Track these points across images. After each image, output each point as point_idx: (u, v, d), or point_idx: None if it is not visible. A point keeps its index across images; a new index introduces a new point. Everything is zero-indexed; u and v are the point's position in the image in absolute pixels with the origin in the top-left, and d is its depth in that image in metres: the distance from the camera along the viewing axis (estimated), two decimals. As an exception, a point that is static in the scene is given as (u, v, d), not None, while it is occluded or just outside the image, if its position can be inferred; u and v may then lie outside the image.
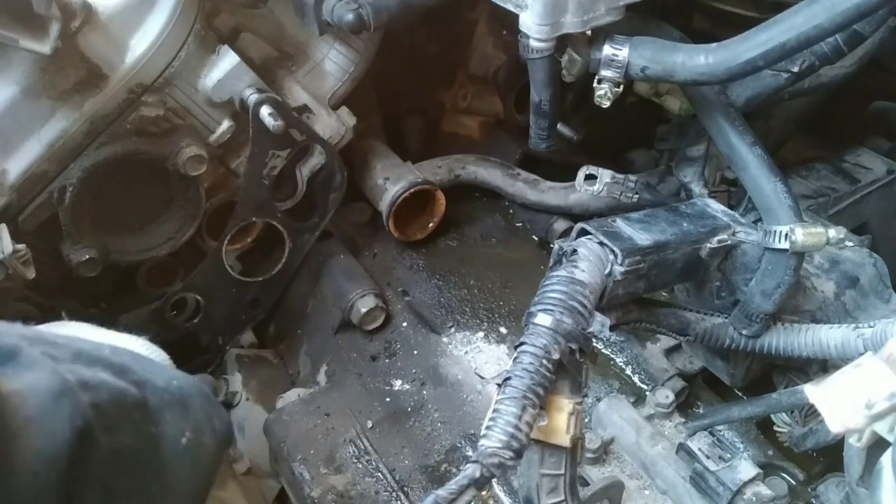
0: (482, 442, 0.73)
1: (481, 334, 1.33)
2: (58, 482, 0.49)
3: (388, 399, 1.25)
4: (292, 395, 1.28)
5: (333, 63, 1.37)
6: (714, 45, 0.87)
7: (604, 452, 1.09)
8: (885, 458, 0.62)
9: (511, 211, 1.61)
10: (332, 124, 1.37)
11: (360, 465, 1.14)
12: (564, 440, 0.79)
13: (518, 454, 0.73)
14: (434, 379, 1.27)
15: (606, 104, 0.94)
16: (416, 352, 1.32)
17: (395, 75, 1.60)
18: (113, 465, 0.55)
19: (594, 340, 0.91)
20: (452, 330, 1.34)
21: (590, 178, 1.14)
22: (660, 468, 1.06)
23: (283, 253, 1.39)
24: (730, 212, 1.05)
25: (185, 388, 0.70)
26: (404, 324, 1.37)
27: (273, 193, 1.30)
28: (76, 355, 0.58)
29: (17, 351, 0.51)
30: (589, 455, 1.07)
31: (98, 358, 0.60)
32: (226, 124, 1.24)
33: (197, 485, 0.67)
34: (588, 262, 0.88)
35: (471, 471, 0.70)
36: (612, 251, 0.91)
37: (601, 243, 0.92)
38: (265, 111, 1.16)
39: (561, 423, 0.79)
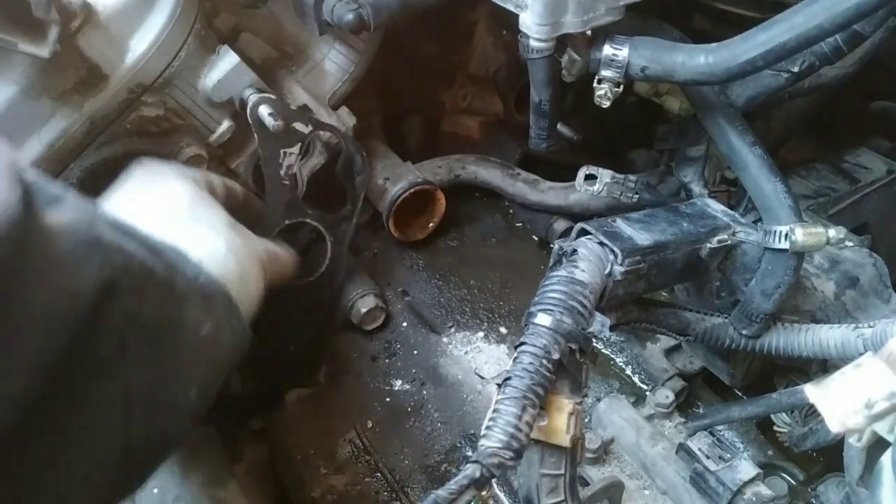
0: (482, 442, 0.73)
1: (481, 334, 1.33)
2: (74, 325, 0.49)
3: (388, 399, 1.25)
4: (292, 395, 1.28)
5: (333, 63, 1.37)
6: (714, 45, 0.87)
7: (604, 452, 1.09)
8: (885, 458, 0.62)
9: (511, 211, 1.61)
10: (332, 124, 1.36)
11: (360, 465, 1.14)
12: (564, 440, 0.79)
13: (518, 454, 0.73)
14: (434, 379, 1.27)
15: (606, 104, 0.94)
16: (416, 352, 1.32)
17: (395, 75, 1.60)
18: (132, 328, 0.56)
19: (594, 340, 0.91)
20: (452, 330, 1.34)
21: (590, 178, 1.14)
22: (660, 468, 1.06)
23: (326, 249, 1.33)
24: (730, 212, 1.05)
25: (210, 285, 0.72)
26: (404, 324, 1.37)
27: (296, 191, 1.28)
28: (115, 224, 0.58)
29: (63, 197, 0.52)
30: (589, 455, 1.07)
31: (135, 233, 0.61)
32: (226, 124, 1.24)
33: (210, 377, 0.68)
34: (588, 262, 0.88)
35: (471, 471, 0.70)
36: (612, 251, 0.91)
37: (601, 243, 0.92)
38: (264, 111, 1.16)
39: (561, 423, 0.79)
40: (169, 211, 0.87)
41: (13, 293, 0.44)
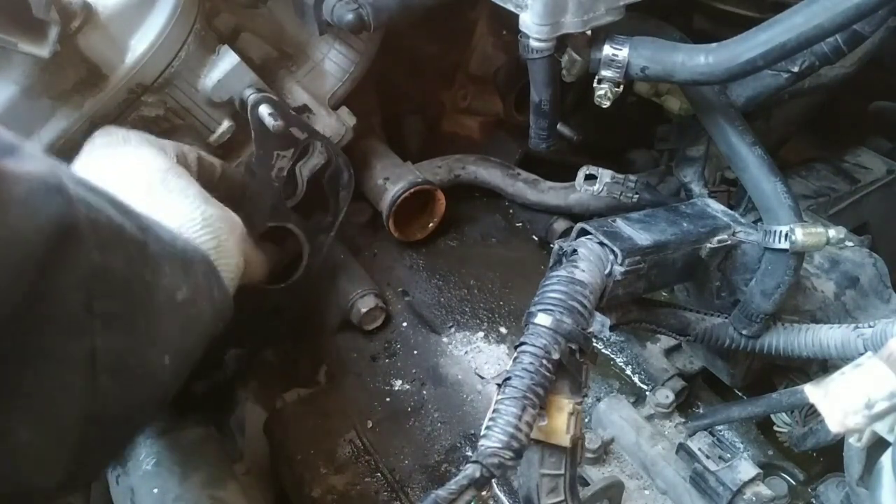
0: (482, 442, 0.73)
1: (481, 334, 1.33)
2: (30, 271, 0.46)
3: (388, 399, 1.25)
4: (292, 395, 1.28)
5: (333, 63, 1.37)
6: (714, 45, 0.87)
7: (604, 452, 1.09)
8: (885, 458, 0.62)
9: (511, 211, 1.61)
10: (332, 124, 1.36)
11: (360, 465, 1.14)
12: (564, 440, 0.79)
13: (518, 454, 0.73)
14: (434, 379, 1.27)
15: (606, 104, 0.94)
16: (416, 352, 1.32)
17: (395, 75, 1.60)
18: (101, 282, 0.52)
19: (594, 340, 0.91)
20: (452, 330, 1.34)
21: (590, 178, 1.14)
22: (660, 468, 1.06)
23: (301, 258, 1.35)
24: (730, 212, 1.05)
25: (189, 250, 0.69)
26: (404, 324, 1.37)
27: (283, 195, 1.28)
28: (83, 182, 0.55)
29: (17, 146, 0.50)
30: (589, 455, 1.07)
31: (105, 193, 0.58)
32: (226, 124, 1.24)
33: (186, 344, 0.64)
34: (588, 262, 0.88)
35: (471, 471, 0.70)
36: (612, 251, 0.91)
37: (601, 243, 0.92)
38: (264, 111, 1.16)
39: (561, 423, 0.79)
40: (137, 180, 0.81)
41: None
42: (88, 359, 0.52)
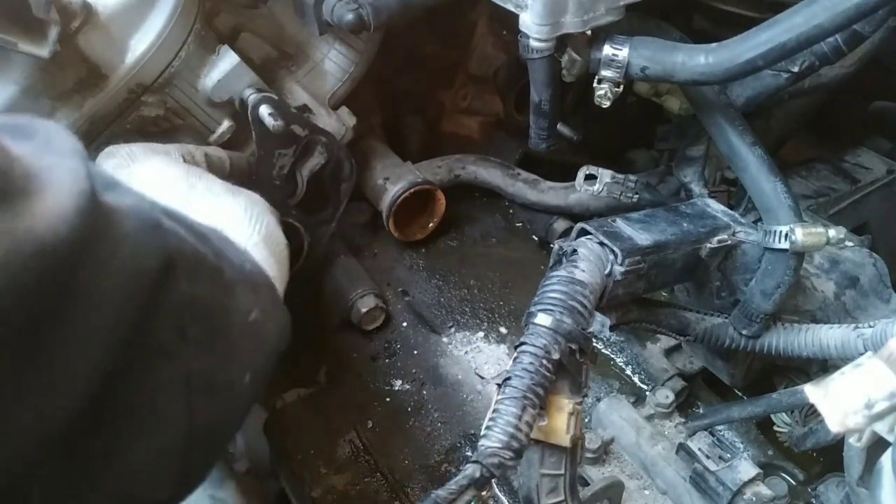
0: (482, 442, 0.73)
1: (481, 334, 1.33)
2: (138, 305, 0.49)
3: (388, 399, 1.25)
4: (292, 395, 1.28)
5: (333, 63, 1.37)
6: (714, 45, 0.87)
7: (604, 452, 1.09)
8: (885, 458, 0.62)
9: (511, 211, 1.61)
10: (332, 124, 1.36)
11: (360, 465, 1.14)
12: (564, 440, 0.79)
13: (518, 454, 0.73)
14: (434, 379, 1.27)
15: (606, 104, 0.94)
16: (416, 352, 1.32)
17: (395, 75, 1.60)
18: (191, 311, 0.56)
19: (594, 340, 0.91)
20: (452, 330, 1.34)
21: (590, 178, 1.14)
22: (660, 468, 1.06)
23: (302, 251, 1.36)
24: (730, 212, 1.05)
25: (255, 272, 0.72)
26: (404, 324, 1.37)
27: (285, 192, 1.29)
28: (167, 211, 0.58)
29: (118, 183, 0.52)
30: (589, 455, 1.07)
31: (182, 219, 0.61)
32: (226, 124, 1.24)
33: (259, 364, 0.68)
34: (588, 262, 0.88)
35: (471, 471, 0.70)
36: (612, 251, 0.91)
37: (601, 243, 0.92)
38: (264, 111, 1.16)
39: (561, 423, 0.79)
40: (163, 193, 0.83)
41: (83, 272, 0.44)
42: (185, 381, 0.56)
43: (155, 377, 0.53)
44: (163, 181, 0.86)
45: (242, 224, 0.82)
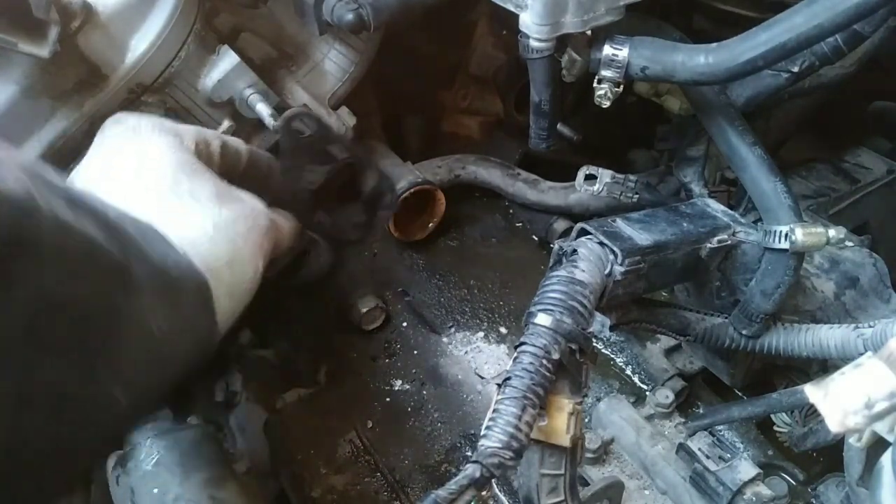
0: (482, 442, 0.73)
1: (481, 334, 1.33)
2: None
3: (388, 399, 1.25)
4: (292, 395, 1.28)
5: (333, 63, 1.37)
6: (714, 45, 0.87)
7: (604, 452, 1.09)
8: (885, 458, 0.62)
9: (511, 211, 1.61)
10: (332, 124, 1.37)
11: (360, 465, 1.14)
12: (564, 440, 0.79)
13: (518, 454, 0.73)
14: (434, 379, 1.27)
15: (606, 104, 0.94)
16: (416, 352, 1.32)
17: (395, 75, 1.59)
18: (52, 308, 0.48)
19: (594, 340, 0.91)
20: (452, 330, 1.34)
21: (590, 178, 1.14)
22: (660, 468, 1.06)
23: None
24: (730, 212, 1.05)
25: (182, 277, 0.63)
26: (404, 324, 1.37)
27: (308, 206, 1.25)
28: (66, 195, 0.51)
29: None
30: (589, 455, 1.07)
31: (91, 208, 0.54)
32: (226, 124, 1.24)
33: (151, 380, 0.59)
34: (588, 262, 0.88)
35: (471, 471, 0.70)
36: (612, 251, 0.91)
37: (601, 243, 0.92)
38: (265, 111, 1.16)
39: (561, 423, 0.79)
40: (145, 180, 0.75)
41: None
42: (16, 391, 0.47)
43: None
44: (149, 168, 0.76)
45: (205, 242, 0.71)
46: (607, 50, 0.91)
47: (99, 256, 0.53)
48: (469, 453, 1.15)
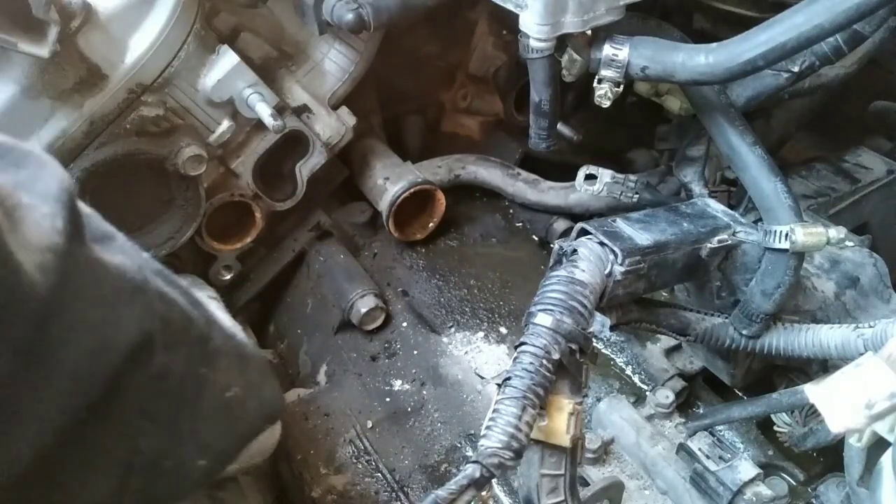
0: (482, 442, 0.73)
1: (481, 334, 1.33)
2: (102, 380, 0.46)
3: (388, 399, 1.25)
4: (292, 395, 1.28)
5: (333, 63, 1.37)
6: (714, 45, 0.87)
7: (604, 452, 1.09)
8: (885, 458, 0.62)
9: (511, 211, 1.61)
10: (332, 124, 1.37)
11: (360, 465, 1.14)
12: (564, 440, 0.79)
13: (518, 454, 0.73)
14: (434, 379, 1.27)
15: (606, 104, 0.94)
16: (416, 352, 1.32)
17: (395, 75, 1.60)
18: (157, 384, 0.51)
19: (594, 340, 0.91)
20: (452, 330, 1.34)
21: (590, 178, 1.14)
22: (660, 468, 1.06)
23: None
24: (730, 212, 1.05)
25: (246, 346, 0.67)
26: (404, 324, 1.37)
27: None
28: (161, 272, 0.55)
29: (115, 236, 0.50)
30: (589, 455, 1.07)
31: (176, 283, 0.57)
32: (225, 124, 1.25)
33: (226, 446, 0.62)
34: (588, 262, 0.88)
35: (471, 471, 0.70)
36: (613, 251, 0.91)
37: (601, 243, 0.91)
38: (265, 111, 1.16)
39: (561, 423, 0.79)
40: None
41: (52, 327, 0.41)
42: (127, 461, 0.51)
43: (96, 453, 0.49)
44: None
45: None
46: (607, 50, 0.91)
47: (190, 328, 0.56)
48: (469, 453, 1.15)
